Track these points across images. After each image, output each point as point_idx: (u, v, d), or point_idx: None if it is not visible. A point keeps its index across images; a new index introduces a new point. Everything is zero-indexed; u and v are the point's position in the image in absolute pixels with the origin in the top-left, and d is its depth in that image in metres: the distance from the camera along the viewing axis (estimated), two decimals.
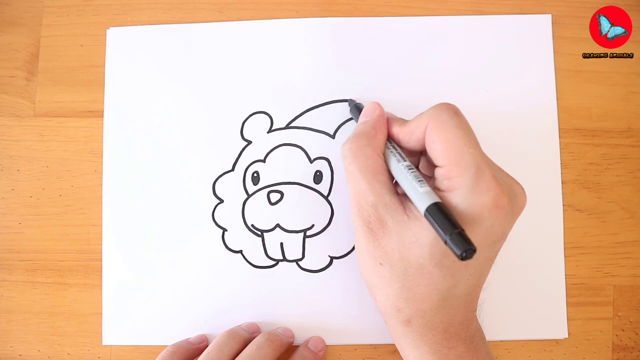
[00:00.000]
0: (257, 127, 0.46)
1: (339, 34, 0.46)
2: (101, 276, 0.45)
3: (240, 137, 0.46)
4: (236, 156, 0.46)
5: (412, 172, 0.34)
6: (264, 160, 0.45)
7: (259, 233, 0.45)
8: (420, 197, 0.33)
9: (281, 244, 0.45)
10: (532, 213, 0.44)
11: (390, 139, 0.38)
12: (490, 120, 0.45)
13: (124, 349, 0.45)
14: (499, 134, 0.45)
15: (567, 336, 0.44)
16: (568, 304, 0.44)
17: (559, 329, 0.44)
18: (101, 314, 0.45)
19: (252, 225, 0.45)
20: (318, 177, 0.45)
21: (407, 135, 0.37)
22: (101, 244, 0.45)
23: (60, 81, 0.47)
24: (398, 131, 0.37)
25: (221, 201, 0.45)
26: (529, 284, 0.44)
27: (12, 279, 0.46)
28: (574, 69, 0.46)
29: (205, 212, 0.45)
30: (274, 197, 0.45)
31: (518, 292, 0.44)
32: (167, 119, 0.46)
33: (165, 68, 0.47)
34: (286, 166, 0.45)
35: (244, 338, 0.42)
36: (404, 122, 0.38)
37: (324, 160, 0.45)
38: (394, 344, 0.43)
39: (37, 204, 0.46)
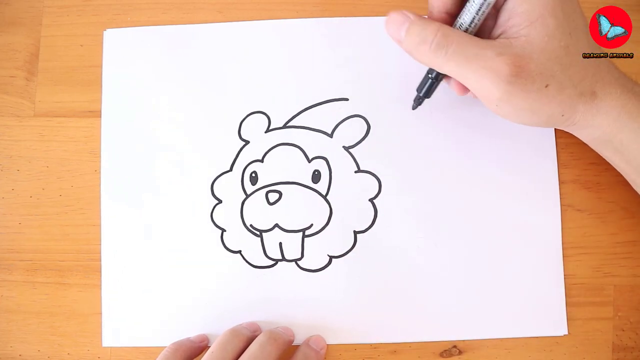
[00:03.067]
0: (254, 127, 0.46)
1: (338, 34, 0.46)
2: (101, 276, 0.45)
3: (238, 137, 0.46)
4: (234, 156, 0.46)
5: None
6: (262, 160, 0.45)
7: (258, 233, 0.45)
8: None
9: (280, 243, 0.45)
10: (530, 212, 0.44)
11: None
12: (488, 120, 0.45)
13: (124, 349, 0.45)
14: (498, 134, 0.45)
15: (566, 332, 0.43)
16: (568, 304, 0.44)
17: (558, 327, 0.44)
18: (101, 314, 0.45)
19: (251, 225, 0.45)
20: (316, 176, 0.45)
21: None
22: (101, 244, 0.45)
23: (60, 81, 0.47)
24: None
25: (219, 201, 0.45)
26: (528, 283, 0.44)
27: (12, 279, 0.46)
28: None
29: (204, 213, 0.45)
30: (273, 197, 0.45)
31: (517, 292, 0.44)
32: (165, 120, 0.46)
33: (163, 69, 0.47)
34: (284, 166, 0.45)
35: (247, 337, 0.42)
36: None
37: (322, 160, 0.45)
38: (394, 344, 0.44)
39: (37, 204, 0.46)
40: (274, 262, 0.45)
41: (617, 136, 0.37)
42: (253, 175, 0.45)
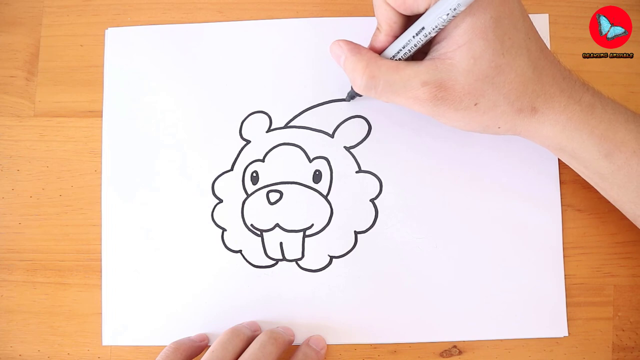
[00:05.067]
0: (256, 127, 0.46)
1: (339, 34, 0.46)
2: (101, 276, 0.45)
3: (239, 137, 0.46)
4: (235, 156, 0.46)
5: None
6: (263, 160, 0.45)
7: (259, 233, 0.45)
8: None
9: (281, 243, 0.45)
10: (530, 212, 0.44)
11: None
12: None
13: (124, 349, 0.45)
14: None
15: (567, 334, 0.43)
16: (568, 304, 0.44)
17: (559, 328, 0.44)
18: (101, 314, 0.45)
19: (252, 225, 0.45)
20: (317, 176, 0.45)
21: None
22: (101, 244, 0.45)
23: (60, 81, 0.47)
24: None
25: (220, 201, 0.45)
26: (528, 283, 0.44)
27: (12, 279, 0.46)
28: (574, 69, 0.45)
29: (205, 212, 0.45)
30: (273, 196, 0.45)
31: (518, 292, 0.44)
32: (166, 119, 0.46)
33: (164, 68, 0.47)
34: (285, 166, 0.45)
35: (247, 336, 0.42)
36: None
37: (323, 160, 0.45)
38: (394, 344, 0.44)
39: (37, 204, 0.46)
40: (274, 262, 0.45)
41: (567, 146, 0.38)
42: (254, 174, 0.45)
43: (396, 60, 0.38)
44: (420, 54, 0.38)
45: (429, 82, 0.36)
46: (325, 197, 0.45)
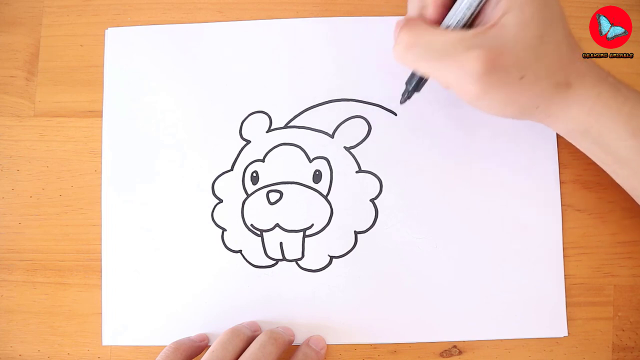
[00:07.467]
0: (256, 127, 0.46)
1: (339, 34, 0.46)
2: (101, 276, 0.45)
3: (239, 137, 0.46)
4: (235, 156, 0.46)
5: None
6: (263, 160, 0.45)
7: (259, 233, 0.45)
8: None
9: (281, 243, 0.45)
10: (530, 212, 0.44)
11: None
12: (489, 120, 0.45)
13: (124, 349, 0.45)
14: (498, 134, 0.45)
15: (566, 334, 0.43)
16: (568, 304, 0.44)
17: (558, 328, 0.44)
18: (101, 314, 0.45)
19: (252, 225, 0.45)
20: (317, 176, 0.45)
21: None
22: (101, 244, 0.45)
23: (60, 81, 0.47)
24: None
25: (220, 201, 0.45)
26: (528, 283, 0.44)
27: (12, 279, 0.46)
28: None
29: (205, 212, 0.45)
30: (273, 196, 0.45)
31: (518, 292, 0.44)
32: (166, 119, 0.46)
33: (164, 68, 0.47)
34: (285, 166, 0.45)
35: (247, 336, 0.42)
36: None
37: (323, 160, 0.45)
38: (394, 344, 0.44)
39: (37, 204, 0.46)
40: (274, 262, 0.45)
41: (594, 126, 0.37)
42: (254, 174, 0.45)
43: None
44: None
45: (474, 46, 0.34)
46: (325, 197, 0.45)
